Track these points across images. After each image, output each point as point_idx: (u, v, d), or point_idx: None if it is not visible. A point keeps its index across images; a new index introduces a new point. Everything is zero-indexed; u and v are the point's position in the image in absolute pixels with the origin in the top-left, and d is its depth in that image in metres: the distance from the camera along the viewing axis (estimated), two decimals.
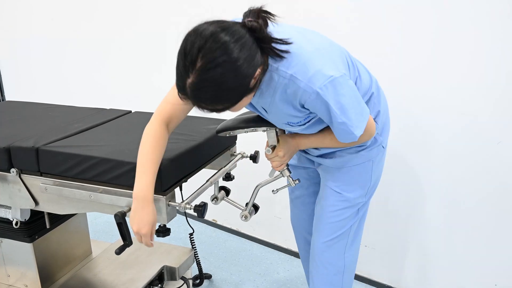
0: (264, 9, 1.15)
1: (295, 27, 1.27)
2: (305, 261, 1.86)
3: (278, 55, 1.15)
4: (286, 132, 1.49)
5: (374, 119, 1.43)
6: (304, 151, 1.57)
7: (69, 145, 1.53)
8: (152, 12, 2.68)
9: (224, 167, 1.67)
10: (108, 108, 2.06)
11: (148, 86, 2.87)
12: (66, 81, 3.33)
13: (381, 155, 1.53)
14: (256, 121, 1.44)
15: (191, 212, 1.44)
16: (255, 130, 1.44)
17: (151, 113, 1.92)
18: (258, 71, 1.11)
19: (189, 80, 1.06)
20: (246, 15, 1.14)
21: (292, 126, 1.35)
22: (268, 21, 1.15)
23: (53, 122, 1.83)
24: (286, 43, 1.15)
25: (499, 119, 1.73)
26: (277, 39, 1.14)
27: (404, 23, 1.84)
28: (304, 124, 1.33)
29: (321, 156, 1.52)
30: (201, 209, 1.42)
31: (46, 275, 1.87)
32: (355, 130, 1.25)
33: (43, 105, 2.11)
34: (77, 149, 1.48)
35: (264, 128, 1.44)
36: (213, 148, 1.69)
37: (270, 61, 1.18)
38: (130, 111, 2.01)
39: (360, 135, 1.27)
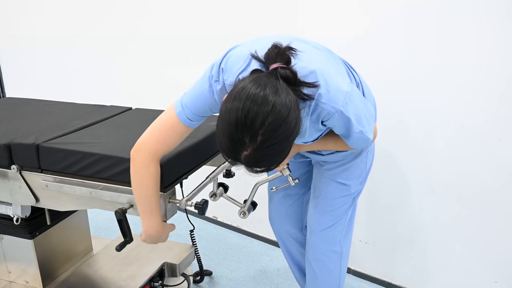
0: (290, 46, 1.14)
1: (301, 44, 1.23)
2: (290, 254, 1.88)
3: (304, 99, 1.12)
4: None
5: None
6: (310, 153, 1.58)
7: (69, 142, 1.53)
8: (154, 10, 2.67)
9: (223, 163, 1.67)
10: (108, 104, 2.06)
11: (149, 83, 2.87)
12: (67, 78, 3.33)
13: (373, 144, 1.57)
14: None
15: (192, 209, 1.44)
16: None
17: (152, 110, 1.94)
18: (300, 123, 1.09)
19: (246, 153, 1.03)
20: (273, 57, 1.11)
21: (306, 142, 1.36)
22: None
23: (54, 119, 1.82)
24: (314, 86, 1.13)
25: (499, 116, 1.73)
26: (306, 83, 1.12)
27: (399, 22, 1.83)
28: (317, 138, 1.34)
29: (321, 154, 1.53)
30: (201, 206, 1.42)
31: (47, 272, 1.88)
32: (369, 134, 1.27)
33: (43, 102, 2.11)
34: (78, 146, 1.48)
35: None
36: (214, 145, 1.69)
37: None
38: (131, 108, 2.01)
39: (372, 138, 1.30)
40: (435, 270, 2.07)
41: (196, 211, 1.44)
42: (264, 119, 0.99)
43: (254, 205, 1.62)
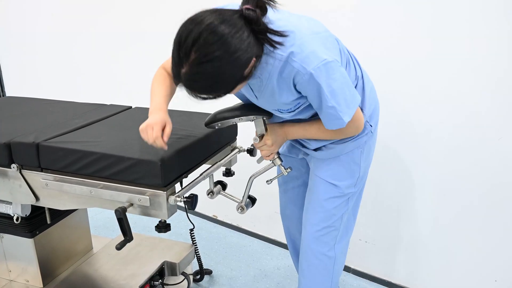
0: None
1: (295, 14, 1.28)
2: (294, 252, 1.89)
3: (273, 46, 1.15)
4: (275, 119, 1.48)
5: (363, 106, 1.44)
6: (299, 143, 1.58)
7: (69, 140, 1.53)
8: (155, 10, 2.67)
9: (219, 161, 1.67)
10: (108, 103, 2.06)
11: (149, 82, 2.86)
12: (67, 77, 3.33)
13: (370, 142, 1.52)
14: (244, 111, 1.43)
15: (181, 204, 1.43)
16: (242, 120, 1.44)
17: None
18: (253, 60, 1.13)
19: (183, 70, 1.08)
20: (245, 1, 1.14)
21: (281, 112, 1.36)
22: (268, 7, 1.16)
23: (54, 117, 1.82)
24: (282, 35, 1.15)
25: (499, 116, 1.73)
26: (273, 30, 1.14)
27: (401, 15, 1.83)
28: (294, 111, 1.34)
29: (312, 149, 1.53)
30: (190, 200, 1.41)
31: (47, 271, 1.88)
32: (344, 116, 1.26)
33: (43, 101, 2.11)
34: (78, 145, 1.48)
35: (252, 117, 1.43)
36: (214, 144, 1.69)
37: (267, 45, 1.18)
38: (131, 107, 2.01)
39: (347, 122, 1.28)
40: (435, 269, 2.07)
41: (186, 206, 1.42)
42: (197, 36, 1.04)
43: (253, 200, 1.62)
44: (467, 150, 1.83)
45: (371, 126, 1.49)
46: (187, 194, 1.43)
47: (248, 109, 1.43)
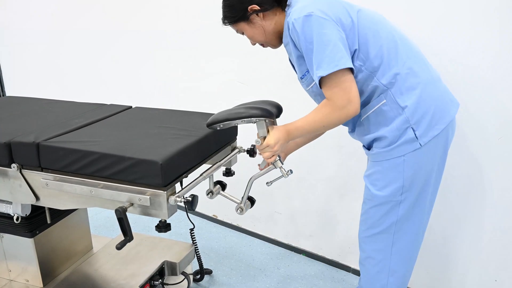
0: None
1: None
2: None
3: (283, 3, 1.42)
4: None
5: (404, 105, 1.37)
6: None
7: (69, 140, 1.53)
8: (153, 8, 2.67)
9: (219, 161, 1.67)
10: (108, 103, 2.06)
11: (149, 82, 2.87)
12: (67, 76, 3.33)
13: (417, 154, 1.40)
14: (246, 113, 1.43)
15: (182, 204, 1.43)
16: (244, 122, 1.44)
17: (151, 109, 1.95)
18: (254, 6, 1.40)
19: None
20: None
21: (302, 80, 1.48)
22: None
23: (54, 117, 1.83)
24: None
25: (499, 115, 1.73)
26: None
27: (401, 15, 1.84)
28: (310, 84, 1.45)
29: (366, 147, 1.51)
30: (190, 201, 1.41)
31: (47, 270, 1.88)
32: (318, 68, 1.32)
33: (43, 101, 2.11)
34: (78, 145, 1.48)
35: (254, 119, 1.43)
36: (214, 144, 1.70)
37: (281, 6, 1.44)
38: (131, 107, 2.01)
39: (320, 76, 1.31)
40: (435, 268, 2.07)
41: (186, 206, 1.42)
42: None
43: (252, 201, 1.62)
44: (467, 149, 1.83)
45: (414, 131, 1.38)
46: (187, 194, 1.43)
47: (250, 110, 1.43)
